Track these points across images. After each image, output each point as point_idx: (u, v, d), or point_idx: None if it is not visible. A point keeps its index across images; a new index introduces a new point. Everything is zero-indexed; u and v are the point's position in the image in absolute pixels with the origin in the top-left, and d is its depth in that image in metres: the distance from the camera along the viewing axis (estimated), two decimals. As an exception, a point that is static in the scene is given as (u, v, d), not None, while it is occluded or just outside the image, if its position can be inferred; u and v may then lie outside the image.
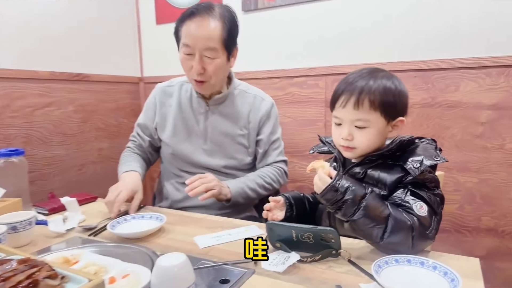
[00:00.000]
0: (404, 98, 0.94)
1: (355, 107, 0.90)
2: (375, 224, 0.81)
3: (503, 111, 1.58)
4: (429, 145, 0.94)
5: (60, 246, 0.93)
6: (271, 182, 1.42)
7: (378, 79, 0.92)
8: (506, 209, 1.62)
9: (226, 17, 1.29)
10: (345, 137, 0.93)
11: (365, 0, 1.80)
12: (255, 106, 1.45)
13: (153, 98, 1.49)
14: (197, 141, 1.42)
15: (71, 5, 2.05)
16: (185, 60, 1.29)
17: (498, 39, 1.56)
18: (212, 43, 1.25)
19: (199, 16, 1.25)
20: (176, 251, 0.86)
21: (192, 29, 1.25)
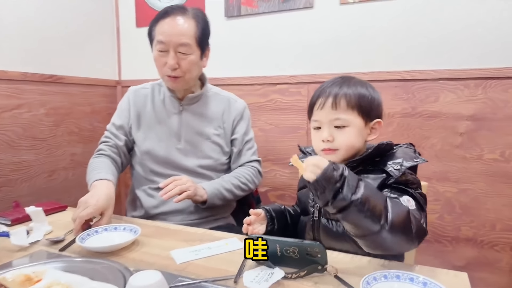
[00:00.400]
0: (378, 103, 0.97)
1: (333, 107, 0.92)
2: (376, 205, 0.75)
3: (481, 122, 1.60)
4: (408, 149, 0.96)
5: (23, 261, 0.86)
6: (246, 183, 1.41)
7: (352, 85, 0.95)
8: (484, 219, 1.63)
9: (199, 17, 1.35)
10: (325, 139, 0.93)
11: (347, 10, 1.81)
12: (229, 107, 1.47)
13: (127, 99, 1.48)
14: (171, 140, 1.41)
15: (46, 3, 1.96)
16: (159, 57, 1.32)
17: (476, 52, 1.59)
18: (186, 39, 1.29)
19: (173, 14, 1.30)
20: (150, 267, 0.81)
21: (166, 27, 1.29)
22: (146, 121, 1.43)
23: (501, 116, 1.56)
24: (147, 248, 0.95)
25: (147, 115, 1.44)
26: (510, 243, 1.60)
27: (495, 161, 1.58)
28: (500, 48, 1.55)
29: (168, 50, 1.30)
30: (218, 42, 2.12)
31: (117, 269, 0.78)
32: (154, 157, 1.40)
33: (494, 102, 1.56)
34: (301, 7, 1.90)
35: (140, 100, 1.46)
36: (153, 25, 1.33)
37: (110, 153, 1.40)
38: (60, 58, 2.06)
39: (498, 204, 1.60)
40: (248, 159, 1.48)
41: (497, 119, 1.56)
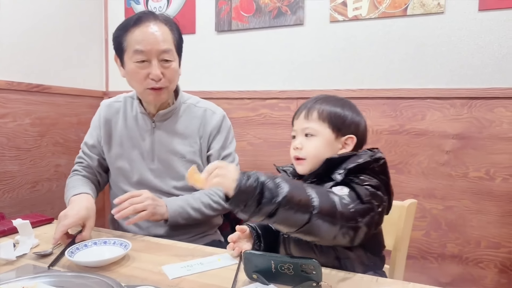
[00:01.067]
0: (352, 122, 0.98)
1: (306, 117, 0.97)
2: (301, 196, 0.75)
3: (467, 140, 1.64)
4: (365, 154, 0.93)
5: (10, 275, 0.82)
6: (219, 201, 1.28)
7: (329, 102, 0.99)
8: (470, 236, 1.66)
9: (171, 22, 1.27)
10: (295, 146, 0.98)
11: (336, 28, 1.84)
12: (205, 120, 1.35)
13: (98, 115, 1.39)
14: (144, 161, 1.33)
15: (34, 11, 1.94)
16: (139, 69, 1.20)
17: (462, 72, 1.63)
18: (168, 44, 1.22)
19: (147, 21, 1.20)
20: (143, 282, 0.80)
21: (143, 34, 1.18)
22: (118, 139, 1.35)
23: (486, 135, 1.60)
24: (138, 263, 0.93)
25: (118, 133, 1.35)
26: (495, 260, 1.63)
27: (480, 179, 1.62)
28: (486, 68, 1.60)
29: (150, 59, 1.19)
30: (208, 56, 2.14)
31: (109, 285, 0.75)
32: (127, 178, 1.34)
33: (479, 121, 1.61)
34: (292, 24, 1.93)
35: (112, 115, 1.37)
36: (122, 35, 1.21)
37: (85, 173, 1.36)
38: (47, 67, 2.04)
39: (483, 221, 1.63)
40: None
41: (482, 138, 1.60)
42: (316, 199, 0.77)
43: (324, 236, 0.80)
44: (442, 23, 1.65)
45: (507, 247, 1.60)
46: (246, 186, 0.73)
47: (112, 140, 1.35)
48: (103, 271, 0.86)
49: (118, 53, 1.25)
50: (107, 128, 1.36)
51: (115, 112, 1.37)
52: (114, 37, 1.24)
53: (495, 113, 1.58)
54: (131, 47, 1.19)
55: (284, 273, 0.79)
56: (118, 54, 1.26)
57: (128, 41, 1.20)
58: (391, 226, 1.13)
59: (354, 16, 1.79)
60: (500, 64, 1.57)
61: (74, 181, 1.30)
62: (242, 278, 0.83)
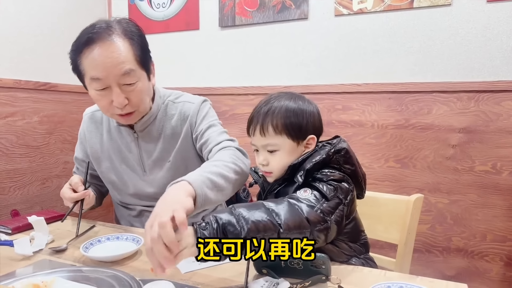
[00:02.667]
0: (308, 117, 0.95)
1: (261, 134, 0.94)
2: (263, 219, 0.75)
3: (473, 134, 1.64)
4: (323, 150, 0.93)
5: (27, 270, 0.85)
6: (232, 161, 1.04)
7: (281, 101, 0.95)
8: (475, 230, 1.67)
9: (131, 32, 1.09)
10: (261, 162, 0.97)
11: (341, 22, 1.84)
12: (184, 114, 1.24)
13: (82, 129, 1.32)
14: (135, 172, 1.25)
15: (40, 11, 1.96)
16: (100, 97, 1.07)
17: (469, 65, 1.63)
18: (127, 65, 1.04)
19: (99, 40, 1.03)
20: (156, 277, 0.82)
21: (97, 58, 1.02)
22: (106, 153, 1.27)
23: (493, 128, 1.60)
24: (150, 258, 0.94)
25: (105, 147, 1.27)
26: (500, 254, 1.64)
27: (486, 173, 1.63)
28: (494, 61, 1.59)
29: (109, 85, 1.05)
30: (212, 52, 2.15)
31: (124, 279, 0.78)
32: (123, 191, 1.28)
33: (486, 115, 1.61)
34: (296, 18, 1.93)
35: (95, 128, 1.29)
36: (77, 57, 1.06)
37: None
38: (53, 65, 2.05)
39: (489, 215, 1.64)
40: (216, 140, 1.16)
41: (489, 131, 1.61)
42: (279, 217, 0.76)
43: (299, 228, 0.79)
44: (450, 15, 1.65)
45: (513, 240, 1.61)
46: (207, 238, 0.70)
47: (99, 154, 1.28)
48: (117, 266, 0.88)
49: (77, 75, 1.11)
50: (92, 143, 1.29)
51: (99, 123, 1.29)
52: (70, 58, 1.10)
53: (503, 106, 1.58)
54: (88, 73, 1.05)
55: (293, 267, 0.81)
56: (78, 77, 1.12)
57: (83, 64, 1.06)
58: (398, 220, 1.15)
59: (359, 9, 1.79)
60: (508, 56, 1.57)
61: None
62: (253, 272, 0.84)
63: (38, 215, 1.06)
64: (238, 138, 1.36)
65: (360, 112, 1.83)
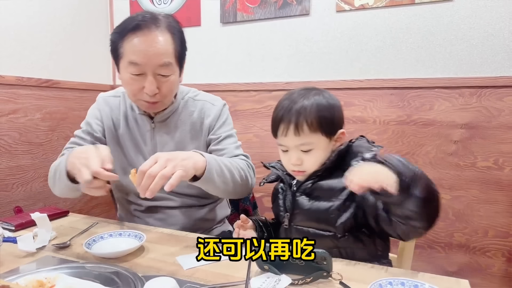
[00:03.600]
0: (338, 111, 0.98)
1: (296, 134, 0.93)
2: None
3: (475, 130, 1.64)
4: (361, 142, 0.98)
5: (31, 267, 0.86)
6: (244, 169, 1.17)
7: (310, 98, 0.95)
8: (477, 226, 1.67)
9: (174, 27, 1.15)
10: (294, 163, 0.96)
11: (343, 18, 1.84)
12: (205, 113, 1.28)
13: (97, 110, 1.29)
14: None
15: (42, 8, 1.96)
16: (133, 81, 1.11)
17: (471, 60, 1.63)
18: (167, 58, 1.11)
19: (146, 29, 1.08)
20: (158, 273, 0.82)
21: (140, 45, 1.07)
22: (120, 139, 1.27)
23: (495, 124, 1.60)
24: (153, 254, 0.95)
25: (120, 132, 1.27)
26: (502, 249, 1.64)
27: (488, 168, 1.63)
28: (496, 57, 1.59)
29: (145, 72, 1.10)
30: (214, 48, 2.15)
31: (126, 275, 0.78)
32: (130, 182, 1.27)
33: (488, 111, 1.61)
34: (297, 14, 1.93)
35: (112, 112, 1.28)
36: (119, 40, 1.10)
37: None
38: (56, 62, 2.06)
39: (491, 211, 1.64)
40: (230, 153, 1.22)
41: (491, 127, 1.61)
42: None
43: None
44: (451, 11, 1.64)
45: (515, 235, 1.61)
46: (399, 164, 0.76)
47: (114, 138, 1.28)
48: (120, 262, 0.88)
49: (114, 57, 1.16)
50: (109, 124, 1.28)
51: (115, 108, 1.29)
52: (111, 39, 1.14)
53: (505, 102, 1.58)
54: (127, 56, 1.10)
55: (295, 263, 0.81)
56: (114, 58, 1.16)
57: (124, 48, 1.10)
58: (400, 216, 1.15)
59: (361, 5, 1.79)
60: (510, 52, 1.57)
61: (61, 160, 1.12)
62: (255, 268, 0.85)
63: (41, 211, 1.07)
64: (239, 134, 1.38)
65: (362, 108, 1.83)
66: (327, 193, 0.95)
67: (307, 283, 0.79)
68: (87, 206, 2.21)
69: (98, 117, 1.28)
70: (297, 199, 1.00)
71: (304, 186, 0.99)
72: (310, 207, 0.97)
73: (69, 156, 1.03)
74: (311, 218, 0.97)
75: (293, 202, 1.01)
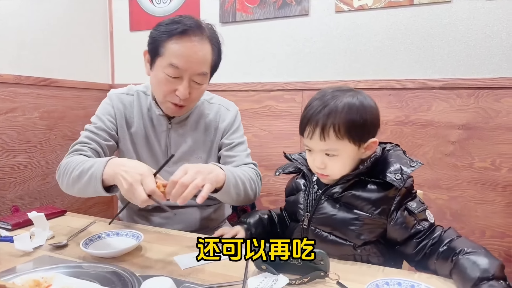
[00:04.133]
0: (371, 114, 0.91)
1: (321, 139, 0.89)
2: None
3: (473, 131, 1.64)
4: (397, 151, 0.96)
5: (27, 266, 0.86)
6: (255, 180, 1.22)
7: (340, 99, 0.90)
8: (474, 226, 1.67)
9: (214, 39, 1.18)
10: (318, 166, 0.94)
11: (342, 18, 1.84)
12: (220, 117, 1.32)
13: (110, 106, 1.27)
14: (159, 163, 1.23)
15: (40, 7, 1.96)
16: (168, 82, 1.13)
17: (469, 62, 1.63)
18: (205, 68, 1.15)
19: (193, 36, 1.10)
20: (156, 273, 0.82)
21: (184, 50, 1.09)
22: (134, 136, 1.28)
23: (492, 125, 1.60)
24: (150, 254, 0.95)
25: (134, 129, 1.27)
26: (499, 250, 1.64)
27: (485, 169, 1.63)
28: (494, 58, 1.59)
29: (182, 77, 1.12)
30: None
31: (124, 275, 0.78)
32: None
33: (486, 112, 1.61)
34: (297, 14, 1.93)
35: (126, 109, 1.28)
36: (163, 39, 1.11)
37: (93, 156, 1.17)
38: (54, 61, 2.06)
39: (488, 211, 1.64)
40: (242, 161, 1.27)
41: (489, 128, 1.61)
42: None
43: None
44: (449, 12, 1.64)
45: (512, 236, 1.62)
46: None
47: (127, 136, 1.28)
48: (117, 262, 0.88)
49: (151, 53, 1.16)
50: (122, 122, 1.27)
51: (129, 105, 1.29)
52: (153, 35, 1.14)
53: (502, 103, 1.58)
54: (168, 57, 1.11)
55: (292, 263, 0.81)
56: (151, 54, 1.16)
57: (167, 48, 1.11)
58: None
59: (360, 6, 1.79)
60: (508, 53, 1.57)
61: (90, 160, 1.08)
62: (252, 268, 0.85)
63: (39, 211, 1.07)
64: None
65: (360, 108, 1.83)
66: (356, 203, 0.92)
67: (304, 283, 0.80)
68: (85, 206, 2.21)
69: (112, 114, 1.26)
70: (322, 202, 0.97)
71: (332, 191, 0.95)
72: (335, 215, 0.93)
73: (110, 164, 0.99)
74: (334, 225, 0.94)
75: (316, 204, 0.97)
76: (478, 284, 0.71)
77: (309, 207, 0.99)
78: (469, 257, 0.76)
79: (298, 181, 1.06)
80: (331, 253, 0.93)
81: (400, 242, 0.91)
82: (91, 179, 1.01)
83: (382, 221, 0.91)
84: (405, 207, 0.90)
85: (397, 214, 0.89)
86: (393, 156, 0.93)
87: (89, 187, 1.03)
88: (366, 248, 0.93)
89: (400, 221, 0.89)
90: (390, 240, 0.93)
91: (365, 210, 0.91)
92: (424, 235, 0.87)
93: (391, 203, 0.89)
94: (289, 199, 1.08)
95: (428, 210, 0.92)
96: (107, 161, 1.00)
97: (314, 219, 0.97)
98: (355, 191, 0.92)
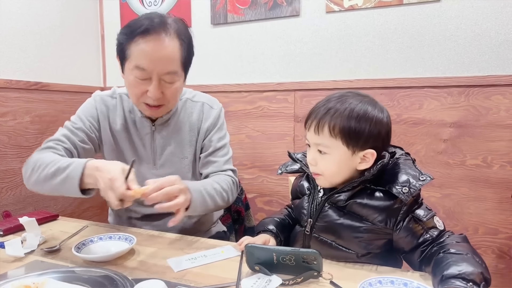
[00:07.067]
0: (374, 125, 0.87)
1: (316, 132, 0.89)
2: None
3: (464, 129, 1.65)
4: (407, 161, 0.91)
5: (19, 271, 0.85)
6: (227, 190, 1.20)
7: (346, 102, 0.88)
8: (467, 223, 1.69)
9: (183, 33, 1.12)
10: (309, 161, 0.93)
11: (333, 18, 1.85)
12: (203, 115, 1.29)
13: (94, 108, 1.24)
14: (146, 166, 1.24)
15: (30, 10, 1.94)
16: (138, 84, 1.10)
17: (459, 60, 1.64)
18: (173, 66, 1.10)
19: (155, 34, 1.05)
20: (149, 276, 0.82)
21: (148, 50, 1.05)
22: (118, 141, 1.25)
23: (483, 122, 1.61)
24: (143, 257, 0.95)
25: (118, 133, 1.25)
26: (492, 246, 1.66)
27: (477, 166, 1.64)
28: (483, 56, 1.61)
29: (150, 78, 1.08)
30: (204, 49, 2.15)
31: (116, 278, 0.78)
32: None
33: (476, 109, 1.62)
34: (288, 15, 1.93)
35: (109, 112, 1.25)
36: (127, 41, 1.08)
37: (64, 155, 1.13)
38: (45, 65, 2.04)
39: (481, 208, 1.65)
40: (220, 168, 1.26)
41: (480, 125, 1.62)
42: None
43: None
44: (439, 11, 1.66)
45: (505, 233, 1.63)
46: None
47: (111, 139, 1.25)
48: (109, 266, 0.88)
49: (120, 57, 1.14)
50: (105, 125, 1.25)
51: (112, 108, 1.26)
52: (118, 39, 1.12)
53: (492, 101, 1.60)
54: (133, 59, 1.08)
55: (285, 264, 0.81)
56: (119, 58, 1.14)
57: (132, 50, 1.07)
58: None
59: (350, 6, 1.80)
60: (497, 51, 1.58)
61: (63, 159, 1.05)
62: (245, 269, 0.85)
63: (31, 215, 1.06)
64: (230, 135, 1.38)
65: (352, 108, 1.83)
66: (361, 212, 0.89)
67: (297, 283, 0.80)
68: (79, 210, 2.19)
69: (94, 116, 1.24)
70: (325, 209, 0.94)
71: (337, 199, 0.92)
72: (339, 223, 0.91)
73: (88, 167, 0.96)
74: (337, 233, 0.92)
75: (319, 211, 0.95)
76: (444, 280, 0.72)
77: (312, 213, 0.97)
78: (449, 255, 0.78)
79: (302, 184, 1.04)
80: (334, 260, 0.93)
81: (407, 251, 0.89)
82: (67, 179, 0.98)
83: (388, 231, 0.88)
84: (412, 215, 0.87)
85: (403, 224, 0.87)
86: (402, 166, 0.89)
87: (63, 187, 1.00)
88: (368, 255, 0.91)
89: (407, 231, 0.86)
90: (397, 249, 0.91)
91: (370, 219, 0.88)
92: (431, 244, 0.85)
93: (398, 213, 0.86)
94: (294, 202, 1.07)
95: (437, 217, 0.89)
96: (85, 164, 0.97)
97: (317, 226, 0.95)
98: (360, 199, 0.89)
